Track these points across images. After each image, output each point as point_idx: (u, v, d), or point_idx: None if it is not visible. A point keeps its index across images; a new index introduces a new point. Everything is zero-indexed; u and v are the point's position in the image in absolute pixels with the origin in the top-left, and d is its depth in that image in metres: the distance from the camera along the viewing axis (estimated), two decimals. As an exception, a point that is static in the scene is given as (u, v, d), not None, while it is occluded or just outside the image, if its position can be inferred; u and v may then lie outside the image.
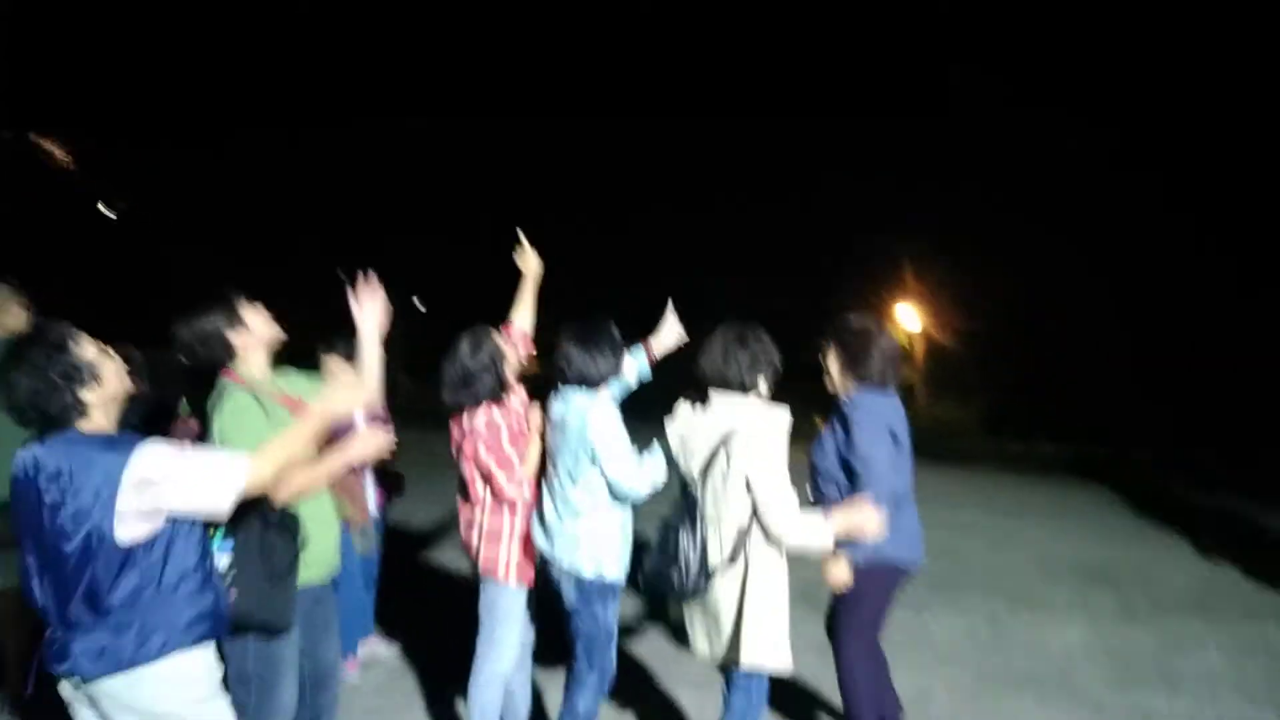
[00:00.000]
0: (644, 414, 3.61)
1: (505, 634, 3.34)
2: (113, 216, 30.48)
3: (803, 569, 3.23)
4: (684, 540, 2.91)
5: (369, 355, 2.89)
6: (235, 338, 2.69)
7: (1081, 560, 7.06)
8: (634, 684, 4.17)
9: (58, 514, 2.09)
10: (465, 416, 3.28)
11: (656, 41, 27.27)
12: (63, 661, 2.15)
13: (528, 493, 3.27)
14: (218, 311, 2.69)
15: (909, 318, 22.84)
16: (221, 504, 2.17)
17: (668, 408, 3.17)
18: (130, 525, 2.10)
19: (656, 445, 3.18)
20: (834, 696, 3.95)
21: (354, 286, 2.86)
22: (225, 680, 2.44)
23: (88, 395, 2.15)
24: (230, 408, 2.61)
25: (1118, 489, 10.79)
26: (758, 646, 2.88)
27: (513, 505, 3.27)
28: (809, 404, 3.03)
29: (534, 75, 27.46)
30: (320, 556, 2.81)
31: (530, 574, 3.32)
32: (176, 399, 4.26)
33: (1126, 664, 4.73)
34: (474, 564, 3.38)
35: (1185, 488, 10.72)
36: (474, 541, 3.35)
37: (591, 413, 3.08)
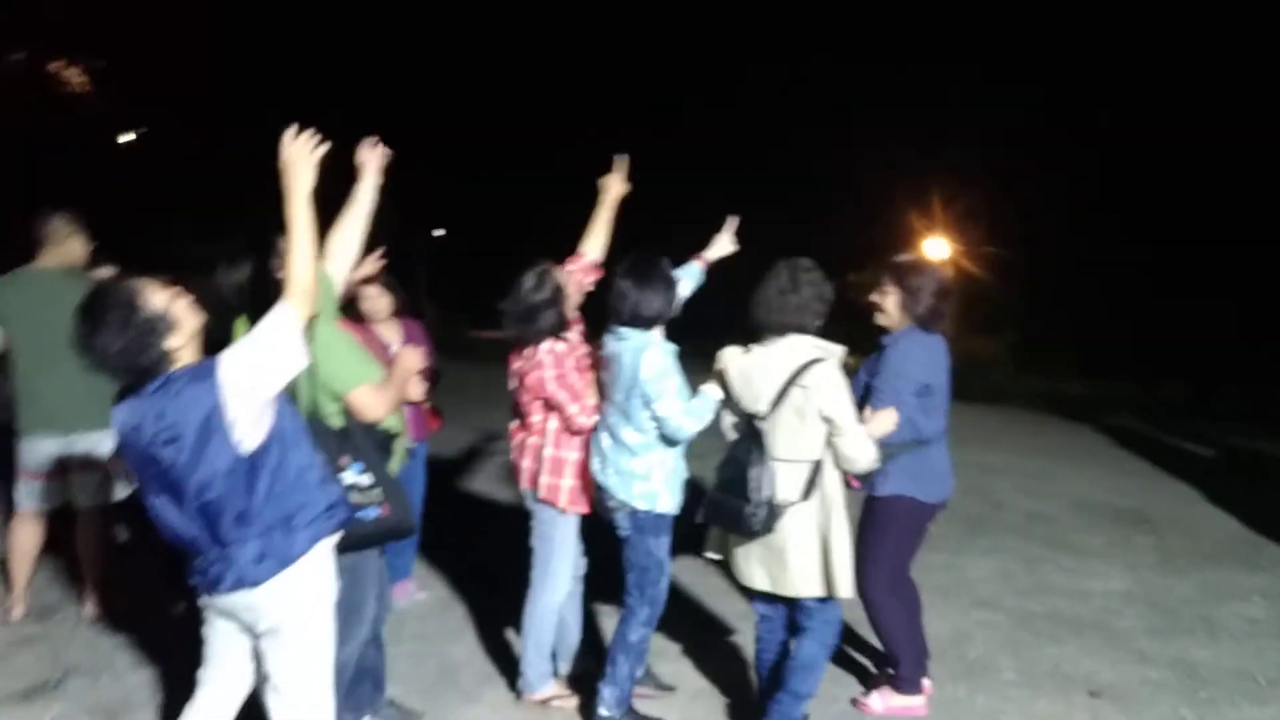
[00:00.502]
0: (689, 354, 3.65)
1: (560, 563, 3.43)
2: (132, 138, 30.54)
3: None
4: (754, 477, 2.94)
5: (365, 192, 3.03)
6: (276, 271, 2.70)
7: (1118, 504, 7.05)
8: (681, 615, 4.24)
9: (179, 452, 2.19)
10: (527, 350, 3.31)
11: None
12: (223, 581, 2.29)
13: (592, 422, 3.33)
14: (257, 248, 2.71)
15: (937, 248, 22.52)
16: (301, 356, 2.32)
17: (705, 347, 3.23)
18: (248, 432, 2.22)
19: (705, 388, 3.20)
20: (867, 633, 4.03)
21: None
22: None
23: (172, 341, 2.23)
24: (321, 343, 2.66)
25: (1152, 430, 10.70)
26: (845, 577, 3.00)
27: (578, 434, 3.33)
28: (833, 336, 3.16)
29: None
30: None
31: (586, 504, 3.41)
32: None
33: (1168, 612, 4.75)
34: (528, 490, 3.45)
35: (1222, 430, 10.59)
36: (528, 467, 3.42)
37: (645, 353, 3.11)
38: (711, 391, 3.20)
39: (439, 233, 30.58)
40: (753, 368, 3.09)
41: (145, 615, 4.25)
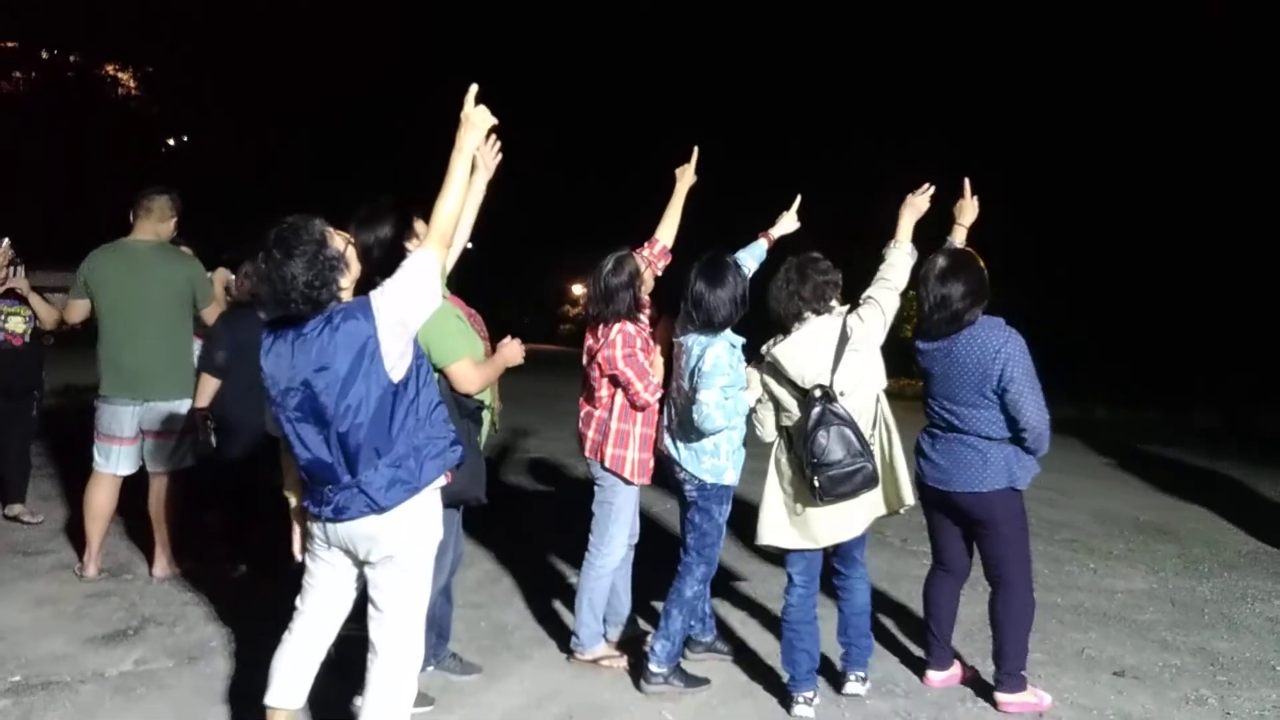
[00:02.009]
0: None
1: (618, 528, 3.66)
2: (171, 143, 31.39)
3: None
4: (858, 437, 3.23)
5: (479, 184, 3.43)
6: (407, 245, 2.95)
7: (1141, 518, 7.17)
8: (720, 585, 4.44)
9: (333, 380, 2.39)
10: (601, 328, 3.55)
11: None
12: (349, 509, 2.46)
13: (655, 399, 3.56)
14: (396, 219, 2.95)
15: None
16: (438, 295, 2.55)
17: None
18: (396, 363, 2.44)
19: (742, 394, 3.44)
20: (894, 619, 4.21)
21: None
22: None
23: (344, 281, 2.47)
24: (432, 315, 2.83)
25: (1177, 453, 10.77)
26: (907, 486, 3.38)
27: (640, 410, 3.56)
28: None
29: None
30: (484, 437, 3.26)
31: (648, 474, 3.64)
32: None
33: (1190, 609, 4.90)
34: (592, 460, 3.68)
35: (1252, 455, 10.63)
36: (592, 438, 3.66)
37: (709, 349, 3.37)
38: (748, 397, 3.45)
39: (468, 245, 31.11)
40: (799, 351, 3.34)
41: (211, 574, 4.50)
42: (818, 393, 3.26)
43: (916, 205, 3.65)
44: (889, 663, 3.89)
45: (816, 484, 3.21)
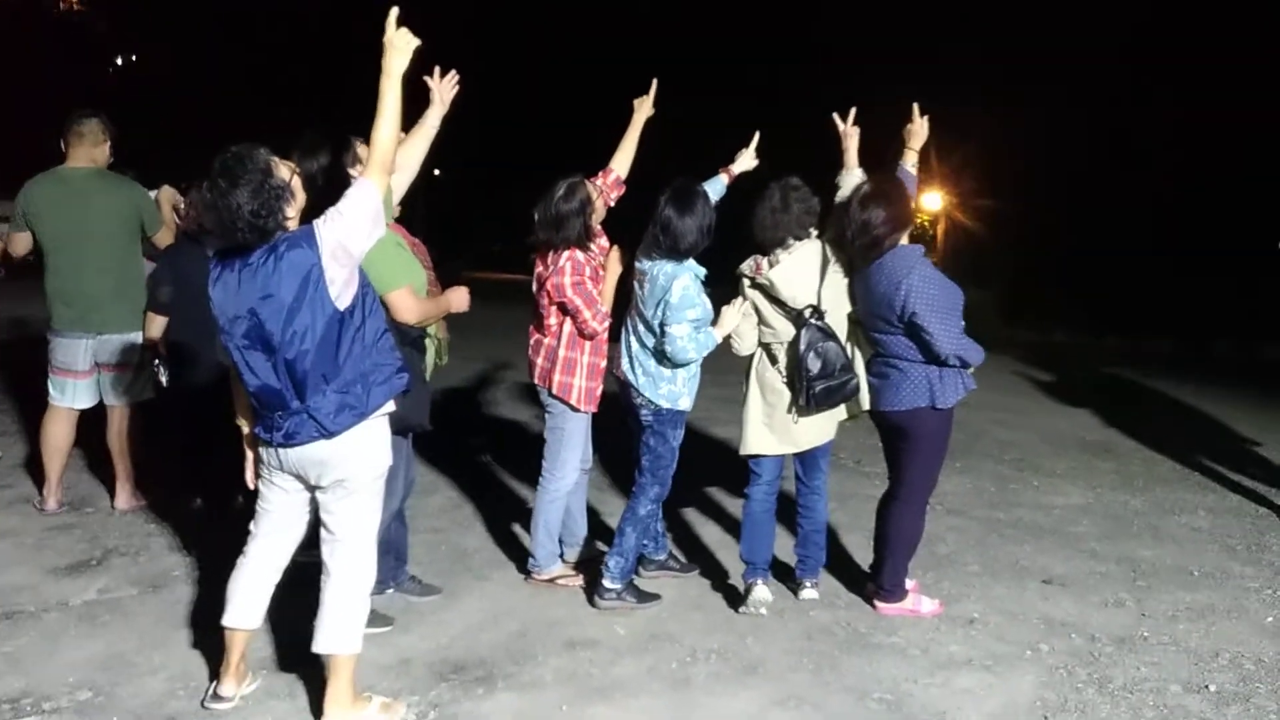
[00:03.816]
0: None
1: (570, 455, 3.75)
2: (119, 63, 30.29)
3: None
4: (845, 352, 3.46)
5: (433, 118, 3.44)
6: (351, 171, 2.95)
7: (1087, 437, 7.44)
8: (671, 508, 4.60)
9: (279, 308, 2.42)
10: (550, 255, 3.58)
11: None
12: (299, 434, 2.51)
13: (603, 328, 3.62)
14: (338, 145, 2.94)
15: (930, 199, 22.67)
16: (381, 224, 2.57)
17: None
18: (342, 291, 2.47)
19: (712, 329, 3.54)
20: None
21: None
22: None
23: (290, 210, 2.47)
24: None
25: (1131, 377, 11.08)
26: (866, 392, 3.64)
27: (589, 339, 3.62)
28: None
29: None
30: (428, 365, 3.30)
31: (596, 402, 3.72)
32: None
33: (1120, 521, 5.16)
34: (542, 387, 3.76)
35: (1196, 380, 10.95)
36: (541, 365, 3.72)
37: (677, 279, 3.43)
38: (718, 333, 3.55)
39: (436, 172, 30.56)
40: (793, 274, 3.50)
41: (172, 506, 4.55)
42: (808, 312, 3.45)
43: (853, 133, 3.86)
44: (831, 579, 4.07)
45: (811, 395, 3.44)
